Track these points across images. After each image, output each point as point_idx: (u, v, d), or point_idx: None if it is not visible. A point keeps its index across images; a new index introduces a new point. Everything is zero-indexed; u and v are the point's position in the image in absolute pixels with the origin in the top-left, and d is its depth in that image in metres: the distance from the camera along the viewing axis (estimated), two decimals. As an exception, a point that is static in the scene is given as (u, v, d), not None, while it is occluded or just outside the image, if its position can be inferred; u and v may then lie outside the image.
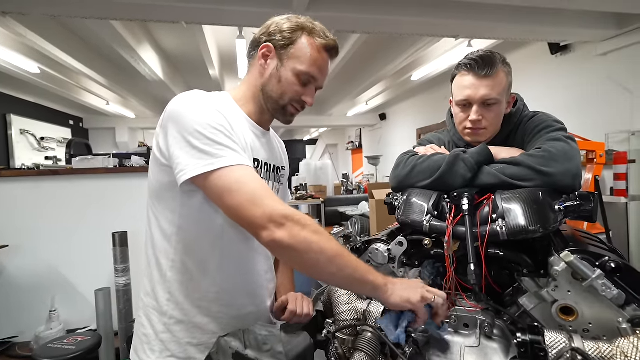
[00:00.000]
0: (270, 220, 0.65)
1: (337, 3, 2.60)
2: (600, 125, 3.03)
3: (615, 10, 2.69)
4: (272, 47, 0.82)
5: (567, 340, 0.62)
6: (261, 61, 0.84)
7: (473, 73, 0.90)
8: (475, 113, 0.92)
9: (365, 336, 0.77)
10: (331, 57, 0.85)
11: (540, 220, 0.72)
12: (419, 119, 6.29)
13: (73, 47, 3.83)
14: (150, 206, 0.83)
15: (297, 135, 13.14)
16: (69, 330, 2.25)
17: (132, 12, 2.52)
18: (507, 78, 0.92)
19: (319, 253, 0.66)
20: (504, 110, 0.96)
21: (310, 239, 0.66)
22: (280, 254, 0.70)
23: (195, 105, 0.74)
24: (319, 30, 0.83)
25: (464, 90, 0.92)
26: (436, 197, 0.86)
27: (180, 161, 0.70)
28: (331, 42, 0.83)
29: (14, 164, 5.14)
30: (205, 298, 0.80)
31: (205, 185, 0.69)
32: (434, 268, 0.92)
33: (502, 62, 0.91)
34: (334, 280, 0.72)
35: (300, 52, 0.81)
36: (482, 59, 0.89)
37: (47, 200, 2.28)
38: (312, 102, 0.86)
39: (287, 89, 0.83)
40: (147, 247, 0.83)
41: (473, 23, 2.81)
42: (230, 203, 0.68)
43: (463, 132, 0.99)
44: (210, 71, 4.66)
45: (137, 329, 0.84)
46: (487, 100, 0.90)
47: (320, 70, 0.83)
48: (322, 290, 0.98)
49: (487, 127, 0.94)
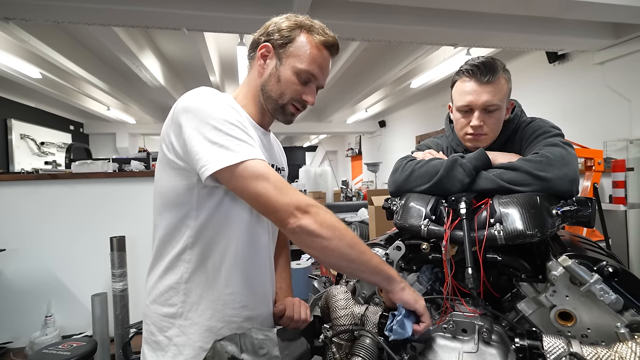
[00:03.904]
0: (297, 207, 0.67)
1: (337, 10, 2.63)
2: (598, 133, 3.04)
3: (612, 20, 2.73)
4: (271, 47, 0.82)
5: (565, 345, 0.62)
6: (260, 61, 0.84)
7: (475, 79, 0.91)
8: (477, 119, 0.92)
9: (363, 341, 0.76)
10: (332, 54, 0.84)
11: (537, 224, 0.72)
12: (418, 126, 6.32)
13: (75, 53, 3.86)
14: (160, 213, 0.81)
15: (296, 142, 13.18)
16: (64, 335, 2.23)
17: (135, 19, 2.55)
18: (507, 84, 0.93)
19: (340, 239, 0.69)
20: (504, 116, 0.96)
21: (333, 226, 0.69)
22: (304, 240, 0.69)
23: (209, 100, 0.74)
24: (318, 27, 0.81)
25: (466, 96, 0.92)
26: (434, 202, 0.86)
27: (202, 156, 0.69)
28: (331, 39, 0.82)
29: (14, 169, 5.13)
30: (219, 300, 0.80)
31: (232, 176, 0.68)
32: (432, 273, 0.91)
33: (503, 69, 0.92)
34: (352, 266, 0.72)
35: (299, 50, 0.80)
36: (484, 65, 0.90)
37: (46, 204, 2.28)
38: (313, 101, 0.85)
39: (287, 88, 0.81)
40: (157, 255, 0.82)
41: (472, 32, 2.85)
42: (258, 191, 0.68)
43: (464, 137, 0.99)
44: (210, 77, 4.70)
45: (146, 336, 0.83)
46: (489, 106, 0.91)
47: (320, 68, 0.82)
48: (319, 295, 0.97)
49: (488, 133, 0.95)
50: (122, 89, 5.27)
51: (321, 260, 0.73)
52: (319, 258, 0.73)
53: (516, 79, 3.78)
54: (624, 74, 2.94)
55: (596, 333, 0.67)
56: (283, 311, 0.91)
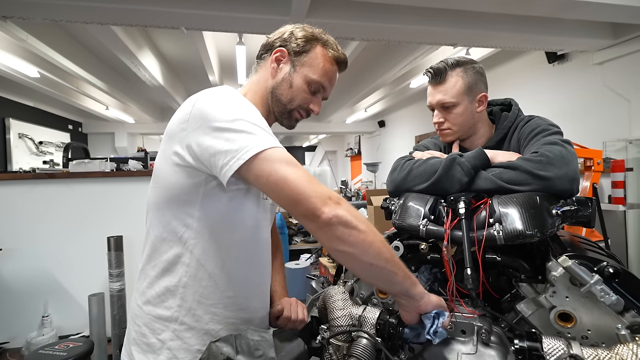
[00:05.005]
0: (330, 197, 0.64)
1: (336, 10, 2.62)
2: (597, 133, 3.04)
3: (612, 20, 2.73)
4: (286, 53, 0.85)
5: (565, 347, 0.61)
6: (274, 64, 0.86)
7: (429, 82, 1.03)
8: (436, 116, 1.04)
9: (361, 342, 0.75)
10: (340, 70, 0.89)
11: (537, 224, 0.71)
12: (417, 126, 6.32)
13: (73, 52, 3.85)
14: (158, 211, 0.79)
15: (296, 142, 13.18)
16: (61, 336, 2.22)
17: (133, 17, 2.54)
18: (463, 80, 0.98)
19: (375, 234, 0.65)
20: (471, 109, 1.00)
21: (365, 220, 0.66)
22: (340, 232, 0.63)
23: (228, 101, 0.73)
24: (332, 43, 0.87)
25: (428, 98, 1.05)
26: (433, 201, 0.85)
27: (225, 153, 0.66)
28: (342, 56, 0.88)
29: (12, 169, 5.11)
30: (219, 304, 0.79)
31: (259, 163, 0.65)
32: (431, 274, 0.91)
33: (455, 67, 0.99)
34: (387, 268, 0.66)
35: (313, 61, 0.84)
36: (433, 69, 1.00)
37: (43, 203, 2.26)
38: (318, 111, 0.90)
39: (297, 94, 0.85)
40: (152, 254, 0.80)
41: (471, 31, 2.84)
42: (288, 176, 0.64)
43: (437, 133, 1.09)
44: (209, 77, 4.69)
45: (136, 337, 0.80)
46: (443, 104, 1.00)
47: (329, 80, 0.87)
48: (317, 295, 0.96)
49: (451, 127, 1.02)
50: (121, 89, 5.26)
51: (354, 261, 0.66)
52: (354, 255, 0.65)
53: (515, 79, 3.76)
54: (623, 74, 2.93)
55: (596, 334, 0.66)
56: (281, 311, 0.90)
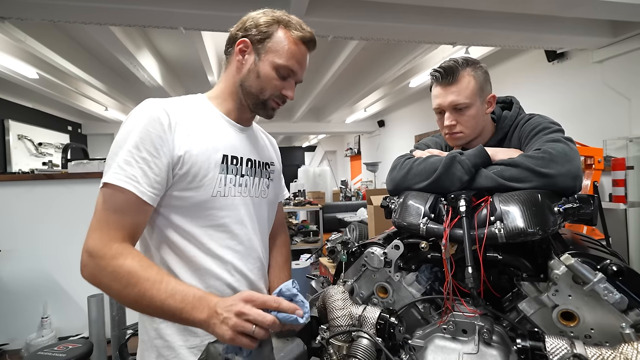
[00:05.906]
0: (85, 250, 0.71)
1: (335, 9, 2.61)
2: (597, 132, 3.03)
3: (611, 17, 2.72)
4: (249, 42, 0.82)
5: (568, 346, 0.60)
6: (238, 57, 0.83)
7: (438, 83, 0.97)
8: (447, 119, 0.97)
9: (361, 342, 0.75)
10: (309, 49, 0.85)
11: (539, 222, 0.70)
12: (417, 125, 6.31)
13: (72, 53, 3.83)
14: None
15: (295, 142, 13.16)
16: (61, 337, 2.21)
17: (131, 18, 2.53)
18: (475, 80, 0.95)
19: None
20: (482, 111, 0.98)
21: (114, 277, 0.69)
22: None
23: (130, 123, 0.79)
24: (295, 22, 0.83)
25: (435, 99, 0.98)
26: (433, 200, 0.84)
27: None
28: (308, 34, 0.83)
29: (11, 170, 5.11)
30: None
31: None
32: (431, 273, 0.90)
33: (466, 66, 0.94)
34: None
35: (277, 45, 0.81)
36: (444, 69, 0.94)
37: (42, 204, 2.26)
38: (292, 95, 0.86)
39: (267, 83, 0.82)
40: None
41: (470, 30, 2.83)
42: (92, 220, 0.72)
43: (445, 137, 1.03)
44: (209, 77, 4.68)
45: (139, 334, 0.85)
46: (456, 105, 0.94)
47: (298, 63, 0.83)
48: (317, 295, 0.95)
49: (463, 131, 0.97)
50: (120, 89, 5.24)
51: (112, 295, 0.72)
52: None
53: (515, 78, 3.75)
54: (623, 73, 2.93)
55: (600, 333, 0.65)
56: None
